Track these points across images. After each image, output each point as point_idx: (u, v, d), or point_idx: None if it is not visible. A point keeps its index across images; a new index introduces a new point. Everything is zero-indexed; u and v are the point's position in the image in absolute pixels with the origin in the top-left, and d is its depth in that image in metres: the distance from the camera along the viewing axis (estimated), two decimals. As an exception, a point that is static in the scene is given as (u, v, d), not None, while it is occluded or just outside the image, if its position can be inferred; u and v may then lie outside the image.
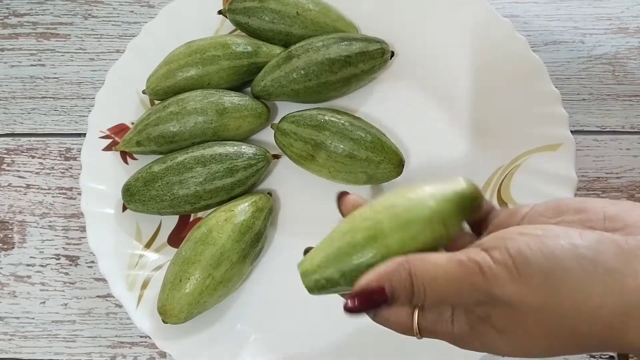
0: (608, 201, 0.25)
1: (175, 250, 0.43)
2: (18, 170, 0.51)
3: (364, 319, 0.42)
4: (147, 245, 0.45)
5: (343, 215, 0.30)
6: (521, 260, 0.23)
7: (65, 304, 0.46)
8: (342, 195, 0.31)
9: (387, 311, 0.27)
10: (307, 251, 0.30)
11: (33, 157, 0.51)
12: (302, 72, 0.46)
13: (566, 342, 0.23)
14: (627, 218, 0.24)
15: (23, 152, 0.52)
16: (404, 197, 0.27)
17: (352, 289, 0.25)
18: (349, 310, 0.25)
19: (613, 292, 0.22)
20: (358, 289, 0.25)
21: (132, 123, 0.49)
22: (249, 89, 0.49)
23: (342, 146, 0.43)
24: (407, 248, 0.26)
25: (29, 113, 0.53)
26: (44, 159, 0.51)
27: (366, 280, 0.25)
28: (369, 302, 0.25)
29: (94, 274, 0.47)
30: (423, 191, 0.27)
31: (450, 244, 0.28)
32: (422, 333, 0.27)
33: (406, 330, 0.27)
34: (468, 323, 0.25)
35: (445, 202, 0.27)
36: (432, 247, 0.26)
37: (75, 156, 0.51)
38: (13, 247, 0.48)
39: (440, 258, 0.24)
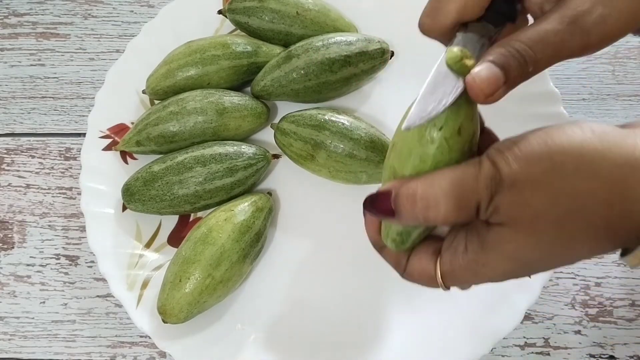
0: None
1: (175, 250, 0.43)
2: (18, 170, 0.51)
3: (364, 319, 0.42)
4: (147, 245, 0.45)
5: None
6: (523, 143, 0.23)
7: (65, 304, 0.46)
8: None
9: (412, 266, 0.27)
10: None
11: (33, 157, 0.51)
12: (302, 71, 0.46)
13: (573, 214, 0.23)
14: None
15: (23, 152, 0.52)
16: (399, 131, 0.26)
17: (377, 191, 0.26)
18: (364, 204, 0.26)
19: (613, 149, 0.23)
20: (377, 192, 0.25)
21: (132, 123, 0.49)
22: (248, 88, 0.49)
23: (342, 146, 0.43)
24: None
25: (29, 113, 0.53)
26: (44, 158, 0.51)
27: (382, 189, 0.25)
28: (379, 207, 0.25)
29: (94, 273, 0.47)
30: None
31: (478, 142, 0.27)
32: (444, 280, 0.26)
33: (432, 281, 0.27)
34: (479, 239, 0.25)
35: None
36: (458, 155, 0.25)
37: (75, 156, 0.51)
38: (13, 247, 0.48)
39: (455, 167, 0.24)
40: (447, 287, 0.27)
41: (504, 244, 0.24)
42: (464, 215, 0.24)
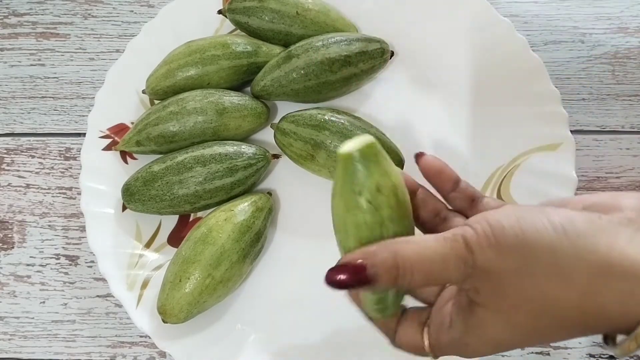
0: (589, 195, 0.26)
1: (175, 250, 0.43)
2: (18, 170, 0.51)
3: (364, 320, 0.42)
4: (147, 245, 0.45)
5: (423, 174, 0.30)
6: (498, 228, 0.24)
7: (65, 304, 0.46)
8: (420, 156, 0.30)
9: (402, 336, 0.29)
10: None
11: (33, 156, 0.51)
12: (302, 71, 0.46)
13: (548, 313, 0.23)
14: (604, 205, 0.25)
15: (23, 151, 0.52)
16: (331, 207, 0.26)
17: (336, 263, 0.25)
18: (329, 281, 0.25)
19: (585, 254, 0.23)
20: (341, 262, 0.25)
21: (132, 123, 0.49)
22: (248, 88, 0.49)
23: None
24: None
25: (29, 113, 0.53)
26: (44, 158, 0.51)
27: (350, 256, 0.24)
28: (351, 278, 0.24)
29: (94, 273, 0.47)
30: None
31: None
32: (433, 351, 0.28)
33: (420, 350, 0.28)
34: (463, 318, 0.26)
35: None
36: (389, 210, 0.25)
37: (75, 156, 0.51)
38: (13, 247, 0.48)
39: (427, 238, 0.25)
40: (436, 357, 0.28)
41: (485, 328, 0.25)
42: (436, 284, 0.26)
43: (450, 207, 0.30)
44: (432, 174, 0.30)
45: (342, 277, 0.24)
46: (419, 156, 0.30)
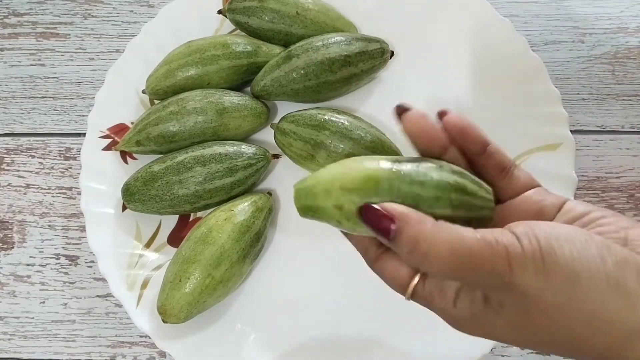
0: (630, 220, 0.25)
1: (175, 250, 0.43)
2: (18, 170, 0.51)
3: (364, 319, 0.42)
4: (147, 245, 0.45)
5: (406, 133, 0.28)
6: (550, 256, 0.22)
7: (65, 304, 0.46)
8: (443, 114, 0.29)
9: (386, 263, 0.27)
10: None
11: (33, 156, 0.51)
12: (302, 71, 0.46)
13: (568, 345, 0.23)
14: None
15: (23, 151, 0.52)
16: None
17: (378, 204, 0.25)
18: (362, 212, 0.25)
19: (628, 311, 0.22)
20: (383, 208, 0.24)
21: (132, 123, 0.49)
22: (248, 88, 0.49)
23: (342, 146, 0.43)
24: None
25: (29, 113, 0.53)
26: (44, 158, 0.51)
27: (392, 207, 0.24)
28: (376, 222, 0.24)
29: (94, 273, 0.47)
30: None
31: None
32: (414, 297, 0.26)
33: (398, 287, 0.27)
34: (472, 310, 0.25)
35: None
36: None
37: (75, 156, 0.51)
38: (13, 247, 0.48)
39: (467, 233, 0.23)
40: (410, 299, 0.27)
41: (490, 327, 0.25)
42: (456, 280, 0.25)
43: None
44: (456, 133, 0.28)
45: (370, 216, 0.25)
46: (442, 115, 0.28)
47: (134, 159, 0.48)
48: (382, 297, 0.43)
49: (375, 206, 0.25)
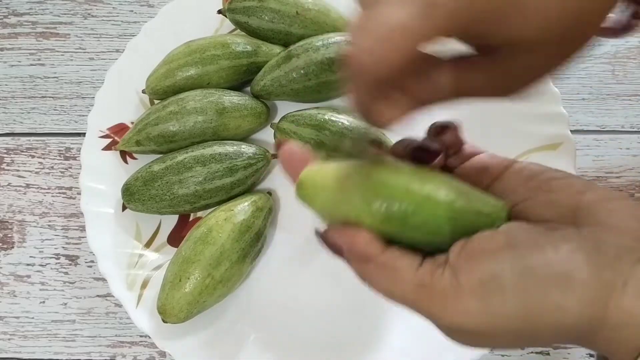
0: (587, 184, 0.24)
1: (175, 249, 0.43)
2: (18, 170, 0.51)
3: (364, 319, 0.42)
4: (147, 245, 0.45)
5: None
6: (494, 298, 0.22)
7: (65, 304, 0.46)
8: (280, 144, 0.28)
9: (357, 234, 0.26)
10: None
11: (33, 156, 0.51)
12: (302, 71, 0.46)
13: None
14: (600, 213, 0.23)
15: (23, 151, 0.52)
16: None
17: (328, 229, 0.26)
18: (321, 236, 0.26)
19: (587, 304, 0.21)
20: (329, 234, 0.26)
21: (132, 122, 0.49)
22: (248, 88, 0.49)
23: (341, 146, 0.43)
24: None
25: (29, 112, 0.53)
26: (44, 158, 0.51)
27: (337, 236, 0.25)
28: (331, 247, 0.26)
29: (94, 273, 0.47)
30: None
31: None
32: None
33: (363, 255, 0.25)
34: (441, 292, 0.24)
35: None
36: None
37: (75, 156, 0.51)
38: (13, 247, 0.48)
39: (407, 271, 0.23)
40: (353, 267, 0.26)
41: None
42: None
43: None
44: (474, 173, 0.27)
45: (322, 240, 0.26)
46: (438, 132, 0.28)
47: (134, 158, 0.48)
48: (382, 297, 0.43)
49: (329, 232, 0.25)
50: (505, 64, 0.23)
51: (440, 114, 0.29)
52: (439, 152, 0.27)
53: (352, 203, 0.24)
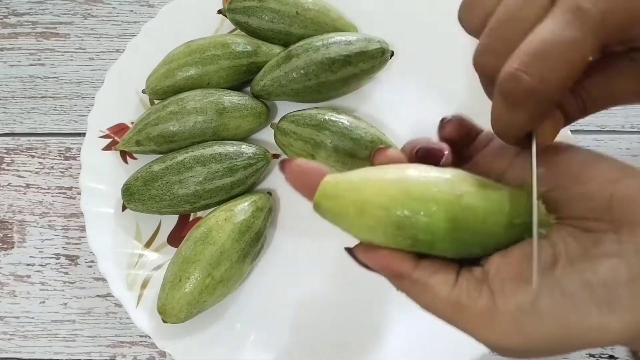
0: (620, 168, 0.22)
1: (175, 249, 0.43)
2: (18, 170, 0.51)
3: (364, 319, 0.42)
4: (147, 245, 0.45)
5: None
6: (529, 326, 0.21)
7: (65, 304, 0.46)
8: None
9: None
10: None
11: (33, 156, 0.51)
12: (302, 71, 0.46)
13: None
14: (638, 206, 0.21)
15: (23, 151, 0.52)
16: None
17: (357, 250, 0.25)
18: (351, 254, 0.25)
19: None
20: (358, 255, 0.25)
21: (132, 122, 0.49)
22: (248, 88, 0.49)
23: (342, 145, 0.43)
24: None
25: (29, 112, 0.53)
26: (44, 158, 0.51)
27: (377, 262, 0.24)
28: (362, 265, 0.25)
29: (94, 273, 0.47)
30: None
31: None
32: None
33: (395, 272, 0.25)
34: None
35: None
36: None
37: (75, 156, 0.51)
38: (13, 247, 0.48)
39: (442, 293, 0.23)
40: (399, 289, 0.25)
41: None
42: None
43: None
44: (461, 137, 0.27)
45: (363, 264, 0.25)
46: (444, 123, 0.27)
47: (134, 158, 0.48)
48: (382, 297, 0.43)
49: (358, 253, 0.25)
50: None
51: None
52: (442, 152, 0.26)
53: (377, 232, 0.23)
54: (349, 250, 0.25)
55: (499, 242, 0.23)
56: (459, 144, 0.27)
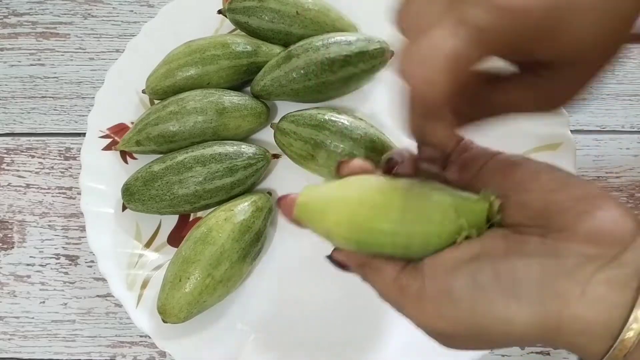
0: (561, 179, 0.24)
1: (175, 249, 0.43)
2: (18, 170, 0.51)
3: (364, 319, 0.42)
4: (147, 245, 0.45)
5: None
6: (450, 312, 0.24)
7: (65, 304, 0.46)
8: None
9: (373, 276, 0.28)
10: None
11: (33, 156, 0.51)
12: (302, 71, 0.46)
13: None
14: (568, 216, 0.23)
15: (23, 151, 0.52)
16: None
17: (333, 253, 0.29)
18: (330, 259, 0.30)
19: (536, 312, 0.22)
20: (335, 258, 0.29)
21: (132, 123, 0.49)
22: (248, 88, 0.49)
23: (342, 145, 0.43)
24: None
25: (29, 113, 0.53)
26: (44, 158, 0.51)
27: (340, 258, 0.29)
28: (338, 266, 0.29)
29: (94, 273, 0.47)
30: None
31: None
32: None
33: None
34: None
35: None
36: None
37: (75, 156, 0.51)
38: (13, 247, 0.48)
39: (391, 273, 0.26)
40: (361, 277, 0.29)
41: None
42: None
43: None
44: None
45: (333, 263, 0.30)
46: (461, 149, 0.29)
47: (134, 159, 0.48)
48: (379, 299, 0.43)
49: (336, 257, 0.29)
50: (550, 78, 0.24)
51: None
52: (395, 163, 0.29)
53: (345, 247, 0.28)
54: (328, 257, 0.30)
55: (440, 244, 0.26)
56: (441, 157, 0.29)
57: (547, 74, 0.24)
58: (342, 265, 0.29)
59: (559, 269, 0.22)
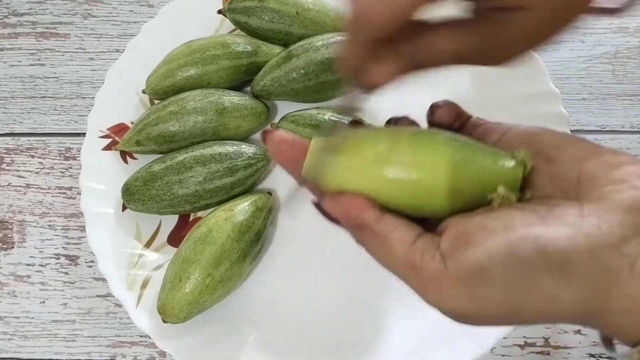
0: (589, 148, 0.23)
1: (175, 249, 0.43)
2: (18, 170, 0.51)
3: (364, 319, 0.42)
4: (147, 245, 0.45)
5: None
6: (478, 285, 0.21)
7: (65, 304, 0.46)
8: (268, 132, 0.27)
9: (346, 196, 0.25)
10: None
11: (33, 156, 0.51)
12: (302, 71, 0.46)
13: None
14: (603, 185, 0.21)
15: (23, 151, 0.52)
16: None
17: (324, 198, 0.25)
18: (317, 207, 0.26)
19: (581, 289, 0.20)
20: (325, 203, 0.25)
21: (132, 123, 0.49)
22: (248, 88, 0.49)
23: (341, 146, 0.43)
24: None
25: (29, 113, 0.53)
26: (44, 158, 0.51)
27: (342, 208, 0.24)
28: (327, 216, 0.26)
29: (94, 273, 0.47)
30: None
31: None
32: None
33: (354, 220, 0.25)
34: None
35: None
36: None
37: (75, 156, 0.51)
38: (13, 247, 0.48)
39: (399, 246, 0.23)
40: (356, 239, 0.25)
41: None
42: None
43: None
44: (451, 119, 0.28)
45: (322, 211, 0.26)
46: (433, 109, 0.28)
47: (134, 158, 0.48)
48: (382, 298, 0.43)
49: (325, 201, 0.25)
50: (499, 28, 0.23)
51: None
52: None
53: (348, 168, 0.24)
54: (316, 204, 0.26)
55: (466, 204, 0.23)
56: (449, 129, 0.27)
57: (500, 19, 0.23)
58: (331, 217, 0.25)
59: (605, 242, 0.20)
